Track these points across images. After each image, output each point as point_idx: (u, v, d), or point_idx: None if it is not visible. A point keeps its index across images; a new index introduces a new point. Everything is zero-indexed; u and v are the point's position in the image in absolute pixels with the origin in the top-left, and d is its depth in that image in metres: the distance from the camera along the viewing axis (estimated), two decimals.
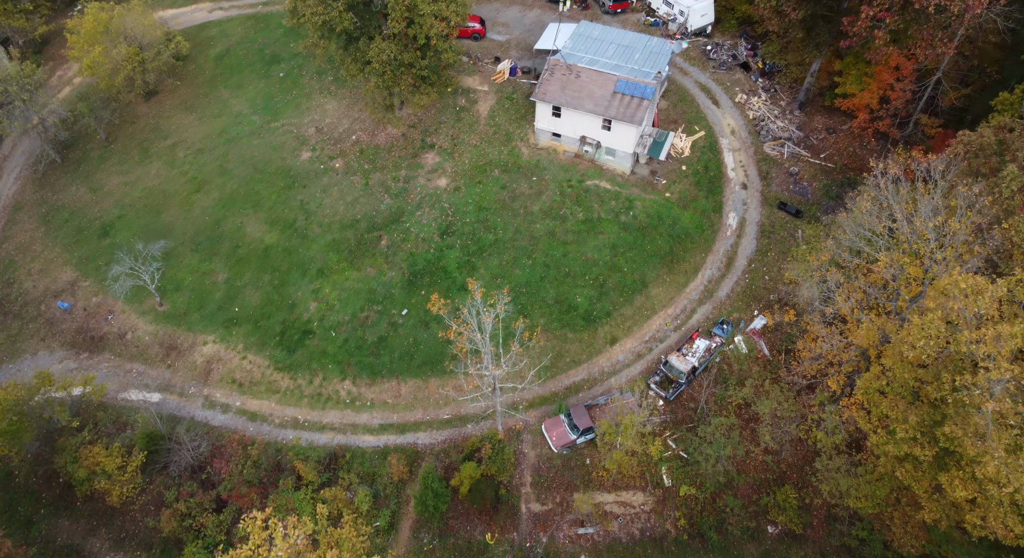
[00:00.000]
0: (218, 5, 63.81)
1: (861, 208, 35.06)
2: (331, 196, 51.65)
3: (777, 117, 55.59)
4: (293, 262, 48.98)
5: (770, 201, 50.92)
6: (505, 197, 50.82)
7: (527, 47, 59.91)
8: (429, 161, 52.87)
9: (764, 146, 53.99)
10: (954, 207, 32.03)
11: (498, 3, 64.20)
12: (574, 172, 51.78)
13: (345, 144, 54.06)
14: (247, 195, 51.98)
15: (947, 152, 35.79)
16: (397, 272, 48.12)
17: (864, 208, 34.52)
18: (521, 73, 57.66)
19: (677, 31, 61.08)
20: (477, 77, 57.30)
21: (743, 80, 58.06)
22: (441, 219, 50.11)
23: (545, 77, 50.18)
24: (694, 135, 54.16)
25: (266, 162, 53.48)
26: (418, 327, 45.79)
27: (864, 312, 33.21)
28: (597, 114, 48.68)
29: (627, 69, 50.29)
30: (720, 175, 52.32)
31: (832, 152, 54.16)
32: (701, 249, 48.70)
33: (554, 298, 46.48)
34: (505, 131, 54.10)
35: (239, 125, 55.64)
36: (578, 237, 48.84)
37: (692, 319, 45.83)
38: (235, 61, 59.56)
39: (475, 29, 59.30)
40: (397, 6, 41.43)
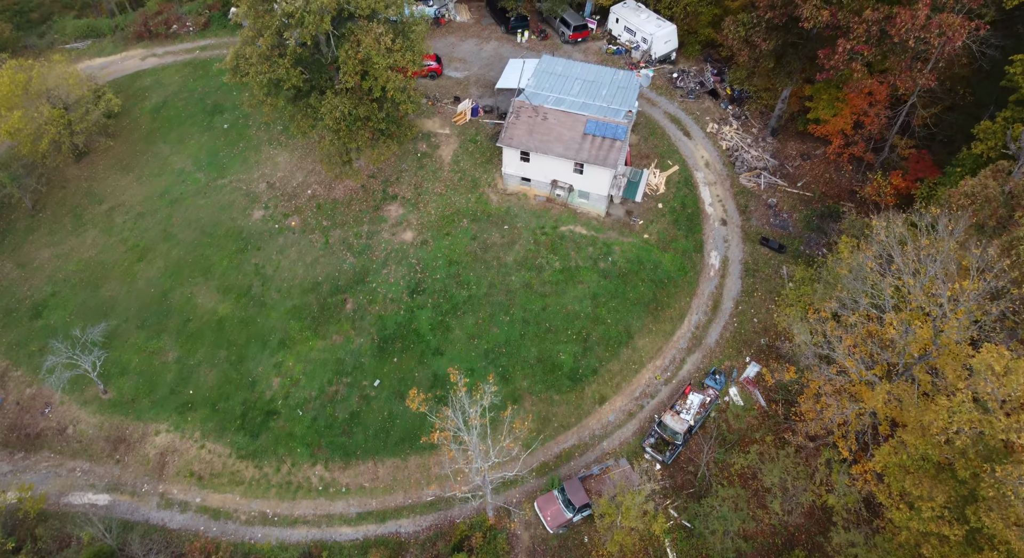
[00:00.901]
0: (151, 52, 59.82)
1: (866, 266, 33.40)
2: (288, 258, 48.27)
3: (750, 146, 54.33)
4: (251, 334, 45.42)
5: (751, 237, 49.43)
6: (476, 249, 48.19)
7: (487, 84, 57.54)
8: (392, 214, 49.93)
9: (740, 177, 52.60)
10: (966, 266, 30.67)
11: (453, 37, 61.77)
12: (547, 218, 49.47)
13: (300, 200, 50.74)
14: (196, 262, 48.22)
15: (951, 204, 34.42)
16: (366, 338, 44.99)
17: (869, 267, 32.85)
18: (483, 112, 55.23)
19: (641, 59, 59.54)
20: (437, 119, 54.65)
21: (713, 108, 56.73)
22: (410, 277, 47.20)
23: (511, 120, 47.82)
24: (668, 170, 52.46)
25: (215, 224, 49.80)
26: (392, 399, 42.73)
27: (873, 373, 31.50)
28: (568, 158, 46.52)
29: (595, 107, 48.30)
30: (698, 212, 50.67)
31: (809, 180, 53.08)
32: (685, 293, 46.84)
33: (536, 357, 43.96)
34: (471, 177, 51.53)
35: (182, 184, 51.81)
36: (556, 288, 46.48)
37: (683, 370, 43.84)
38: (174, 113, 55.69)
39: (431, 67, 56.71)
40: (349, 60, 38.56)
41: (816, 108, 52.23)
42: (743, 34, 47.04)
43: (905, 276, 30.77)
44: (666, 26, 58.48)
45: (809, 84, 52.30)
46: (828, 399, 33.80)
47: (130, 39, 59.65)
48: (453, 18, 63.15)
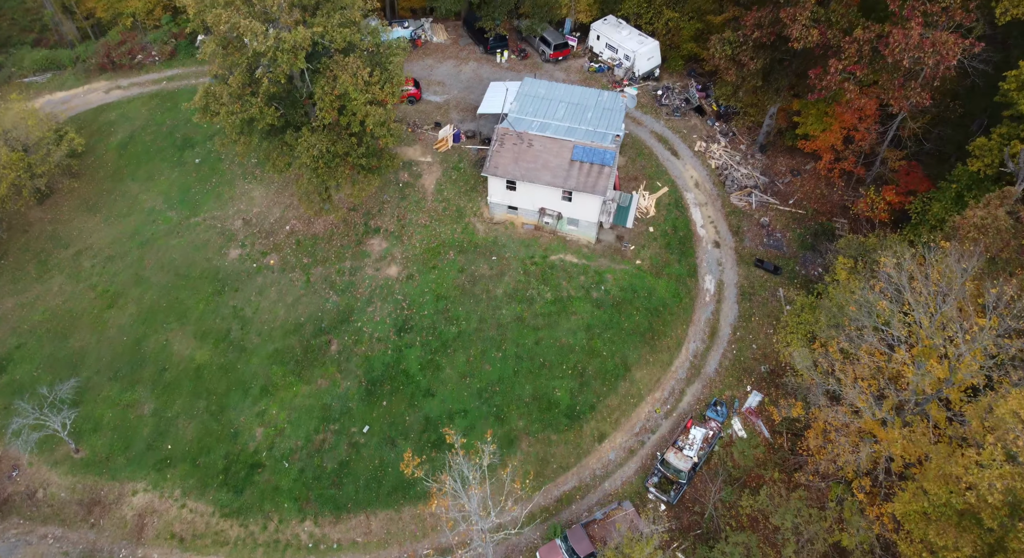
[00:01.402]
0: (115, 83, 57.59)
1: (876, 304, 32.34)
2: (268, 298, 46.36)
3: (740, 163, 53.45)
4: (232, 381, 43.43)
5: (746, 259, 48.45)
6: (464, 282, 46.66)
7: (468, 107, 56.12)
8: (376, 248, 48.22)
9: (731, 197, 51.66)
10: (981, 302, 29.76)
11: (431, 59, 60.29)
12: (536, 247, 48.09)
13: (278, 236, 48.86)
14: (170, 306, 46.12)
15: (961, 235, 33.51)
16: (353, 381, 43.22)
17: (881, 306, 31.79)
18: (465, 138, 53.77)
19: (624, 77, 58.51)
20: (418, 146, 53.09)
21: (699, 126, 55.81)
22: (396, 314, 45.52)
23: (495, 148, 46.41)
24: (657, 192, 51.38)
25: (189, 265, 47.73)
26: (383, 446, 40.99)
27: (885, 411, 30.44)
28: (556, 186, 45.21)
29: (582, 132, 47.07)
30: (690, 234, 49.61)
31: (801, 197, 52.30)
32: (681, 320, 45.69)
33: (531, 394, 42.49)
34: (456, 206, 50.01)
35: (153, 224, 49.68)
36: (549, 320, 45.08)
37: (683, 402, 42.62)
38: (141, 148, 53.53)
39: (410, 92, 55.16)
40: (325, 96, 36.90)
41: (804, 123, 51.52)
42: (729, 53, 46.14)
43: (918, 314, 29.75)
44: (648, 42, 57.54)
45: (797, 99, 51.60)
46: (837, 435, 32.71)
47: (93, 71, 57.39)
48: (430, 39, 61.71)
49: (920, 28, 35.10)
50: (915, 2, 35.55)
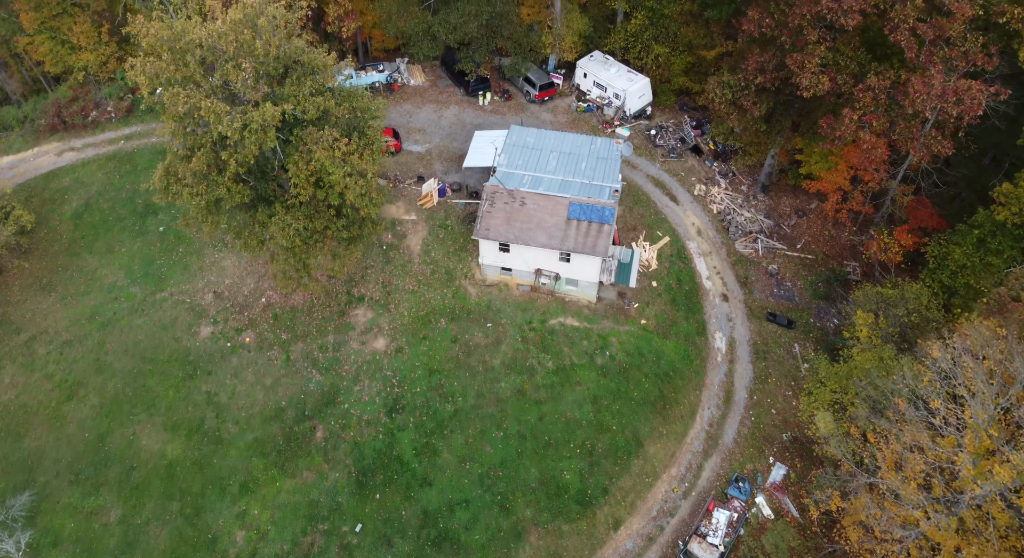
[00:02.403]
0: (68, 145, 53.77)
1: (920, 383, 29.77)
2: (245, 381, 42.83)
3: (742, 207, 51.07)
4: (207, 478, 39.81)
5: (757, 312, 45.94)
6: (458, 353, 43.55)
7: (451, 156, 53.17)
8: (360, 319, 44.94)
9: (736, 244, 49.22)
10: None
11: (409, 104, 57.33)
12: (533, 310, 45.15)
13: (254, 310, 45.38)
14: (136, 395, 42.41)
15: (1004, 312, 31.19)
16: (342, 472, 39.84)
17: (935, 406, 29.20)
18: (451, 191, 50.77)
19: (615, 116, 56.00)
20: (401, 203, 49.99)
21: (697, 167, 53.40)
22: (386, 392, 42.26)
23: (485, 209, 43.47)
24: (658, 243, 48.77)
25: (156, 347, 44.07)
26: (379, 546, 37.63)
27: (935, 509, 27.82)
28: (552, 248, 42.37)
29: (577, 186, 44.36)
30: (696, 287, 47.03)
31: (808, 239, 50.03)
32: (693, 385, 42.98)
33: (538, 479, 39.43)
34: (445, 268, 46.94)
35: (115, 302, 45.94)
36: (552, 393, 42.11)
37: (701, 478, 39.83)
38: (99, 217, 49.79)
39: (390, 144, 52.05)
40: (300, 173, 33.71)
41: (808, 163, 49.35)
42: (730, 97, 43.76)
43: (973, 407, 27.22)
44: (638, 80, 55.13)
45: (799, 136, 49.40)
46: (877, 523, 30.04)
47: (42, 132, 53.59)
48: (407, 82, 58.77)
49: (941, 76, 32.88)
50: (933, 47, 33.33)
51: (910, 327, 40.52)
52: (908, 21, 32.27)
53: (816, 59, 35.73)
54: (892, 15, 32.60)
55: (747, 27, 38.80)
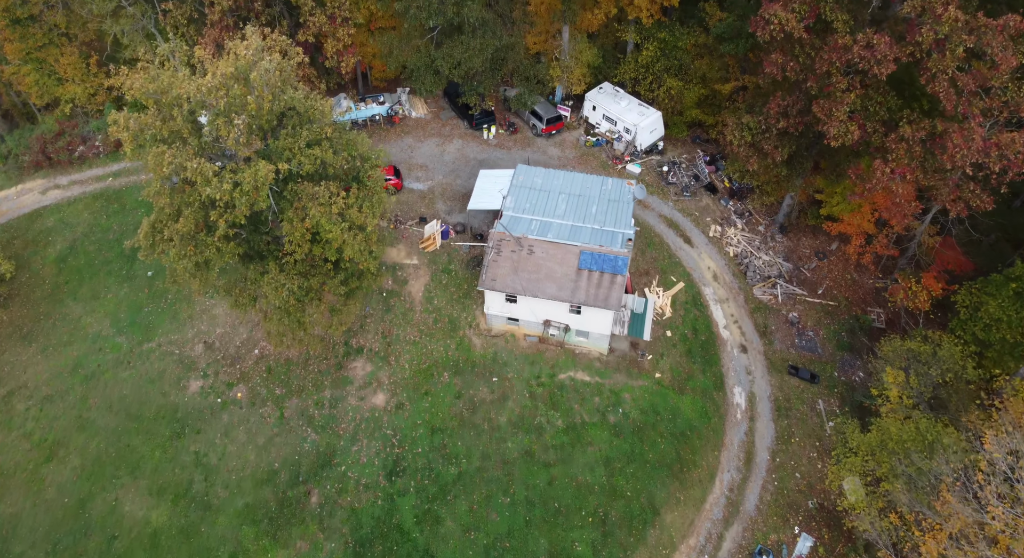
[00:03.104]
0: (53, 182, 51.76)
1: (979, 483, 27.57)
2: (236, 440, 40.64)
3: (759, 249, 49.00)
4: (195, 549, 37.56)
5: (777, 365, 43.80)
6: (462, 410, 41.37)
7: (454, 195, 51.15)
8: (359, 372, 42.79)
9: (754, 289, 47.13)
10: None
11: (410, 138, 55.36)
12: (542, 364, 43.00)
13: (246, 363, 43.23)
14: (120, 456, 40.23)
15: None
16: (338, 542, 37.59)
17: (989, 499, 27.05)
18: (454, 233, 48.71)
19: (625, 152, 54.03)
20: (402, 246, 47.92)
21: (712, 206, 51.39)
22: (385, 453, 40.07)
23: (491, 257, 41.41)
24: (672, 288, 46.68)
25: (142, 403, 41.91)
26: None
27: None
28: (562, 300, 40.27)
29: (588, 232, 42.33)
30: (713, 337, 44.90)
31: (830, 284, 47.94)
32: (711, 445, 40.78)
33: (547, 550, 37.19)
34: (448, 317, 44.83)
35: (99, 353, 43.79)
36: (562, 454, 39.91)
37: (722, 550, 37.58)
38: (84, 261, 47.70)
39: (390, 183, 50.05)
40: (295, 230, 31.64)
41: (829, 203, 47.30)
42: (749, 139, 41.76)
43: None
44: (650, 114, 53.20)
45: (820, 175, 47.40)
46: None
47: (26, 169, 51.60)
48: (408, 114, 56.84)
49: (982, 129, 30.88)
50: (973, 97, 31.34)
51: (943, 386, 38.47)
52: (947, 71, 30.32)
53: (845, 107, 33.76)
54: (929, 64, 30.68)
55: (769, 69, 36.86)
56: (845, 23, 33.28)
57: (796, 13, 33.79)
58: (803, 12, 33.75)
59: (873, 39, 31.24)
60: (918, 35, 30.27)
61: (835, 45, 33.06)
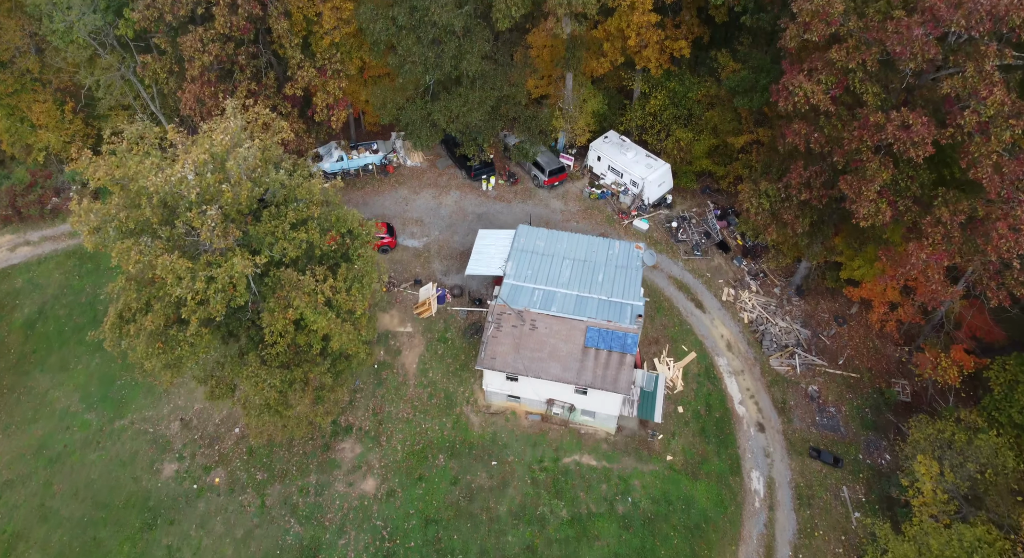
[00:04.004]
0: (23, 238, 49.10)
1: None
2: (213, 532, 37.83)
3: (775, 314, 46.65)
4: None
5: (798, 446, 41.29)
6: (459, 497, 38.69)
7: (452, 254, 48.70)
8: (347, 454, 40.11)
9: (770, 360, 44.71)
10: None
11: (405, 189, 52.97)
12: (545, 445, 40.41)
13: (225, 443, 40.50)
14: (86, 551, 37.38)
15: None
16: None
17: None
18: (451, 297, 46.21)
19: (632, 206, 51.75)
20: (395, 312, 45.37)
21: (724, 266, 49.04)
22: (375, 548, 37.31)
23: (490, 333, 38.91)
24: (684, 359, 44.23)
25: (111, 489, 39.10)
26: None
27: None
28: (567, 382, 37.74)
29: (594, 304, 39.92)
30: (728, 414, 42.41)
31: (851, 353, 45.54)
32: (729, 538, 38.16)
33: None
34: (444, 391, 42.24)
35: (67, 432, 41.03)
36: (567, 549, 37.24)
37: None
38: (54, 327, 45.00)
39: (383, 241, 47.59)
40: (276, 322, 29.09)
41: (850, 267, 45.02)
42: (767, 207, 39.49)
43: None
44: (658, 166, 50.95)
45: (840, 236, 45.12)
46: None
47: None
48: (403, 163, 54.47)
49: None
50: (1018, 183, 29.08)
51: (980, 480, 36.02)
52: (991, 156, 28.11)
53: (875, 186, 31.50)
54: (972, 148, 28.49)
55: (791, 139, 34.64)
56: (876, 96, 31.09)
57: (823, 85, 31.60)
58: (830, 83, 31.56)
59: (909, 119, 29.04)
60: (960, 118, 28.10)
61: (866, 122, 30.86)
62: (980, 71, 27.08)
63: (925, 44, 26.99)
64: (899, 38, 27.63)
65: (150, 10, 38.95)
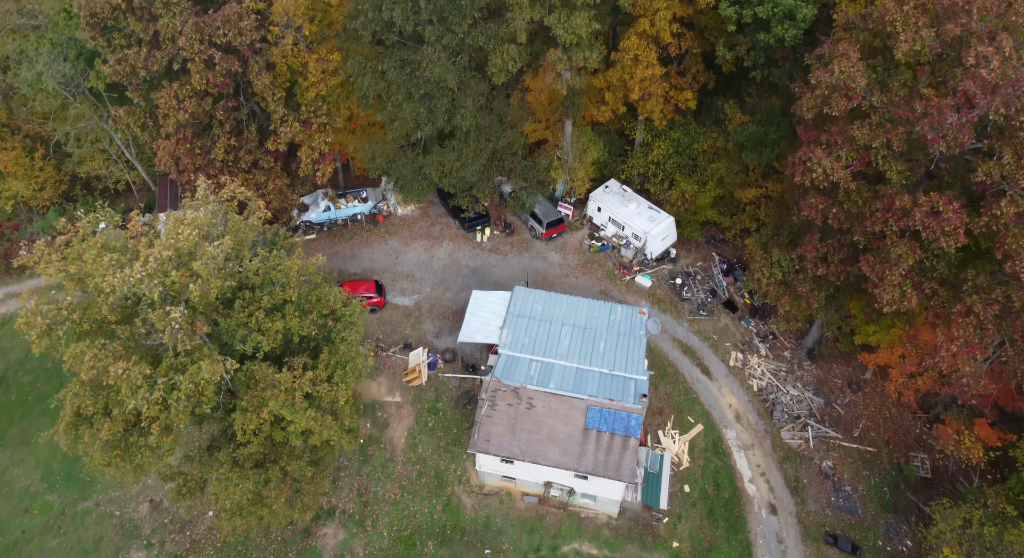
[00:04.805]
0: None
1: None
2: None
3: (786, 381, 44.52)
4: None
5: (813, 531, 39.01)
6: None
7: (444, 313, 46.45)
8: (329, 541, 37.61)
9: (782, 432, 42.50)
10: None
11: (395, 240, 50.74)
12: (542, 531, 38.01)
13: (197, 528, 37.94)
14: None
15: None
16: None
17: None
18: (443, 362, 43.91)
19: (634, 260, 49.63)
20: (383, 379, 43.03)
21: (731, 327, 46.91)
22: None
23: (484, 412, 36.60)
24: (690, 432, 42.00)
25: None
26: None
27: None
28: (566, 468, 35.42)
29: (595, 378, 37.73)
30: (737, 494, 40.14)
31: (866, 424, 43.39)
32: None
33: None
34: (434, 469, 39.86)
35: (25, 515, 38.42)
36: None
37: None
38: (16, 396, 42.45)
39: (372, 301, 45.30)
40: (249, 422, 26.75)
41: (864, 332, 42.92)
42: (780, 278, 37.42)
43: None
44: (662, 219, 48.90)
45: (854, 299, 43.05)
46: None
47: None
48: (393, 211, 52.27)
49: None
50: None
51: None
52: None
53: (900, 270, 29.47)
54: (1009, 240, 26.48)
55: (807, 212, 32.63)
56: (901, 174, 29.08)
57: (843, 161, 29.60)
58: (850, 159, 29.56)
59: (939, 204, 27.03)
60: (996, 207, 26.11)
61: (891, 203, 28.85)
62: (1019, 158, 25.13)
63: (960, 131, 25.04)
64: (929, 122, 25.69)
65: (122, 65, 36.78)
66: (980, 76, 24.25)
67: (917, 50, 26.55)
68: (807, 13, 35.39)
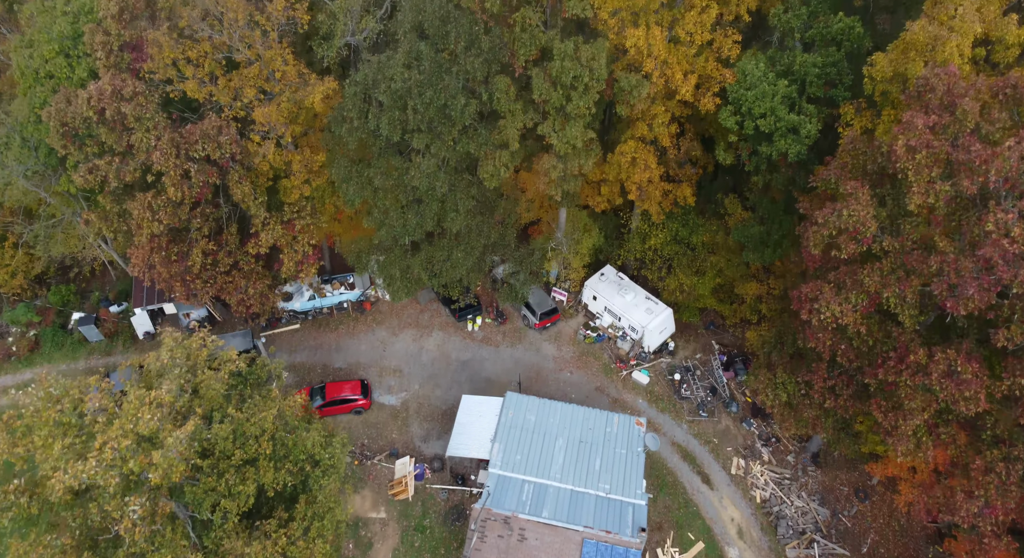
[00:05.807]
0: None
1: None
2: None
3: (790, 490, 42.83)
4: None
5: None
6: None
7: (433, 413, 44.72)
8: None
9: (787, 550, 40.71)
10: None
11: (382, 330, 49.07)
12: None
13: None
14: None
15: None
16: None
17: None
18: (430, 473, 42.08)
19: (631, 353, 48.04)
20: (367, 492, 41.14)
21: (732, 429, 45.28)
22: None
23: (473, 545, 34.80)
24: (691, 550, 40.17)
25: None
26: None
27: None
28: None
29: (591, 503, 36.08)
30: None
31: (875, 539, 41.66)
32: None
33: None
34: None
35: None
36: None
37: None
38: None
39: (356, 403, 43.56)
40: None
41: (871, 440, 41.32)
42: (784, 399, 35.86)
43: None
44: (660, 311, 47.41)
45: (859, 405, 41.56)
46: None
47: None
48: (381, 297, 50.65)
49: None
50: None
51: None
52: None
53: (915, 422, 27.96)
54: None
55: (815, 346, 31.14)
56: (914, 318, 27.63)
57: (852, 303, 28.15)
58: (860, 302, 28.12)
59: (957, 364, 25.56)
60: (1020, 374, 24.64)
61: (904, 353, 27.38)
62: None
63: (980, 297, 23.63)
64: (947, 283, 24.30)
65: (93, 174, 35.22)
66: (1002, 245, 22.89)
67: (931, 203, 25.21)
68: (811, 129, 34.18)
